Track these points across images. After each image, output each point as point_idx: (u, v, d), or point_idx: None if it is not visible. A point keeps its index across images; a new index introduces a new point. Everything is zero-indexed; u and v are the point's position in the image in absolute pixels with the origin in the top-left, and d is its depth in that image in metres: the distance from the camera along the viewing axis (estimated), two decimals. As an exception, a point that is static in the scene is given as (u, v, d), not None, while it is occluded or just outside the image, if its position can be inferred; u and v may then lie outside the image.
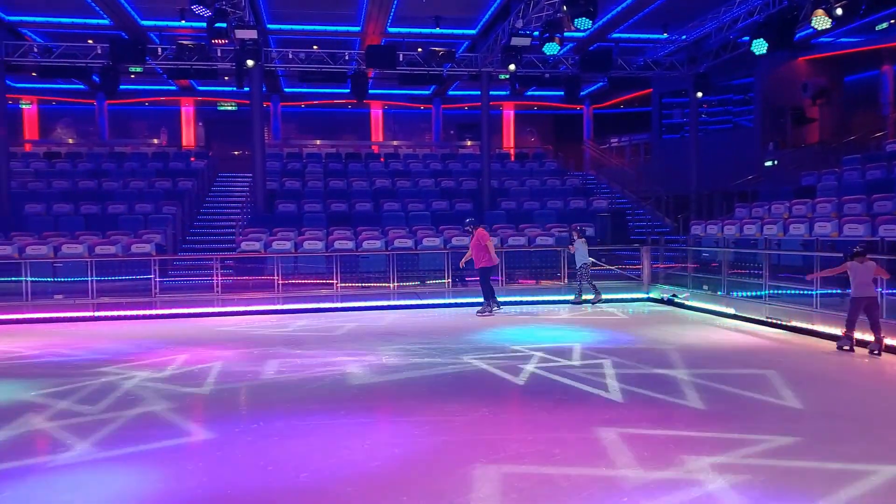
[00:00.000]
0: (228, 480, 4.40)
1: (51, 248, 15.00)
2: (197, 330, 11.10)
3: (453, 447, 4.94)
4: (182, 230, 18.54)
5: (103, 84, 18.76)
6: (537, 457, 4.66)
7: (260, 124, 18.55)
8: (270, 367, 7.83)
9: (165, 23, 19.86)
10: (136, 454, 4.90)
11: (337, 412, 5.92)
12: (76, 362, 8.35)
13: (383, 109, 29.24)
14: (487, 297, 12.28)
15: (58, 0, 18.04)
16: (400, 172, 23.05)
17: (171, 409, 6.05)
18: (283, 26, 20.63)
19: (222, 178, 23.68)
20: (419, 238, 16.55)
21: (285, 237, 16.23)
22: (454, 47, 20.73)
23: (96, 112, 26.66)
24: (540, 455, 4.69)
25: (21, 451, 5.05)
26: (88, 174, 21.31)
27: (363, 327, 10.96)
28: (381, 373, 7.45)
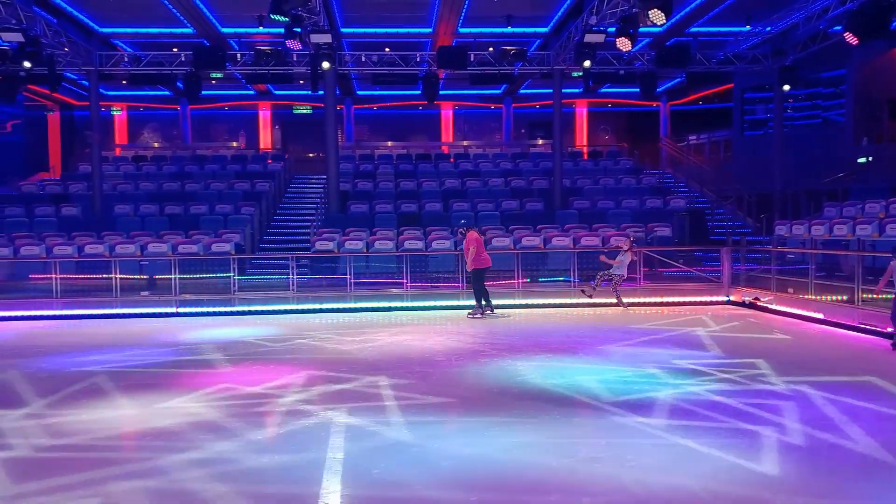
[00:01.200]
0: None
1: (138, 246, 15.73)
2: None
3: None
4: (259, 230, 19.10)
5: (187, 90, 19.57)
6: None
7: (333, 127, 18.89)
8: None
9: (244, 29, 20.56)
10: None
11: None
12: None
13: (453, 110, 29.30)
14: (479, 299, 12.06)
15: (146, 12, 18.93)
16: (469, 172, 23.01)
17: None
18: (357, 30, 20.99)
19: (298, 179, 24.28)
20: (488, 238, 16.43)
21: (357, 237, 16.46)
22: (526, 46, 20.54)
23: (180, 117, 27.88)
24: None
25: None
26: (172, 176, 22.26)
27: (432, 326, 10.95)
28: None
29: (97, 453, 4.99)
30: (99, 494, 4.17)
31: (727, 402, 5.97)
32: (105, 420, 5.81)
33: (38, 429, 5.56)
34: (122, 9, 18.65)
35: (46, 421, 5.78)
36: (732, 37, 20.25)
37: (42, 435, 5.40)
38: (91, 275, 14.54)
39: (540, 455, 4.74)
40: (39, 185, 21.94)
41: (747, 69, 20.24)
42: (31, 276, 14.60)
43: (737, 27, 19.66)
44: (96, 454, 4.96)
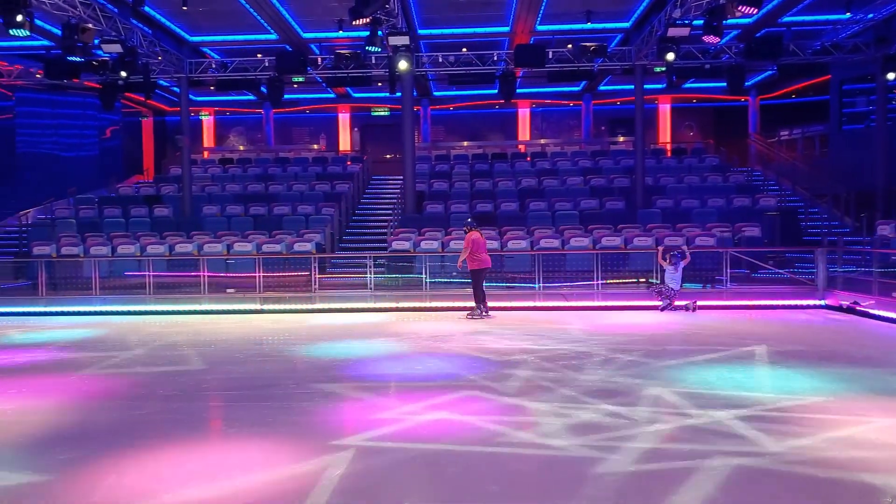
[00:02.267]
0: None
1: (224, 246, 16.35)
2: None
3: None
4: (339, 230, 19.47)
5: (270, 94, 20.19)
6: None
7: (410, 128, 19.02)
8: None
9: (325, 34, 21.01)
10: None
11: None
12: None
13: (531, 108, 28.98)
14: (478, 300, 11.95)
15: (233, 20, 19.65)
16: (547, 171, 22.68)
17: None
18: (434, 31, 21.07)
19: (375, 180, 24.64)
20: (566, 238, 16.13)
21: (433, 237, 16.50)
22: (606, 41, 20.06)
23: (264, 120, 28.85)
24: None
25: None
26: (257, 178, 23.04)
27: (505, 327, 10.81)
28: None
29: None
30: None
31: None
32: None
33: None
34: (211, 18, 19.43)
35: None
36: (830, 25, 19.06)
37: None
38: (181, 273, 15.24)
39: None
40: (134, 188, 23.21)
41: (846, 59, 18.98)
42: (127, 273, 15.43)
43: (835, 15, 18.49)
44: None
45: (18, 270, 16.53)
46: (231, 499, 4.02)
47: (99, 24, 15.53)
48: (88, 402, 6.40)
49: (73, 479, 4.37)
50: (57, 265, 15.52)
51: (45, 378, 7.46)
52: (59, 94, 23.13)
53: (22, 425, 5.60)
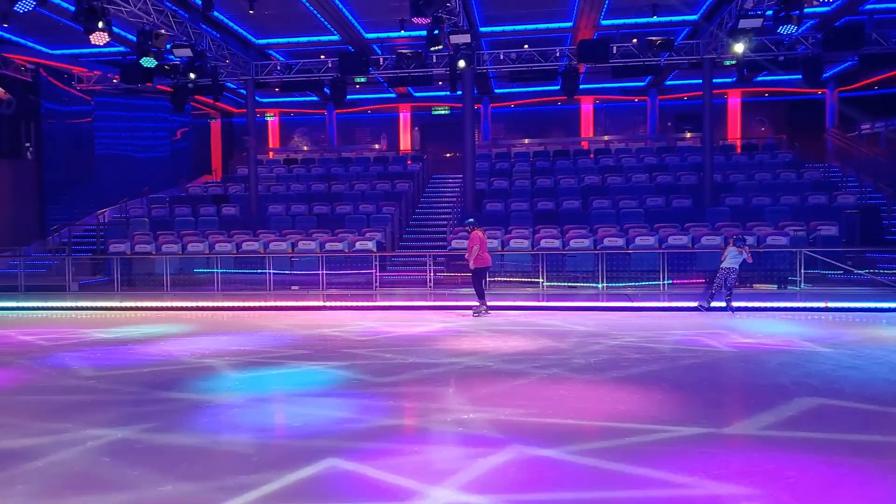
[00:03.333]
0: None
1: (289, 244, 16.68)
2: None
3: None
4: (399, 228, 19.59)
5: (333, 95, 20.49)
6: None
7: (471, 126, 18.95)
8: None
9: (386, 34, 21.15)
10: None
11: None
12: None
13: (594, 104, 28.43)
14: (480, 297, 12.17)
15: (297, 22, 20.01)
16: (610, 168, 22.21)
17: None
18: (495, 28, 20.92)
19: (435, 179, 24.68)
20: (631, 237, 15.74)
21: (493, 236, 16.37)
22: (673, 35, 19.48)
23: (327, 121, 29.32)
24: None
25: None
26: (320, 178, 23.43)
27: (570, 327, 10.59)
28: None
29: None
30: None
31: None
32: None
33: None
34: (276, 21, 19.84)
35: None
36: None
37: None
38: (247, 270, 15.63)
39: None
40: (203, 187, 23.97)
41: (935, 47, 17.82)
42: (196, 270, 15.93)
43: (922, 0, 17.41)
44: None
45: (96, 267, 17.30)
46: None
47: (171, 30, 16.09)
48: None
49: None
50: (131, 262, 16.16)
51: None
52: (133, 98, 24.12)
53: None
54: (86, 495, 4.11)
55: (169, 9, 16.11)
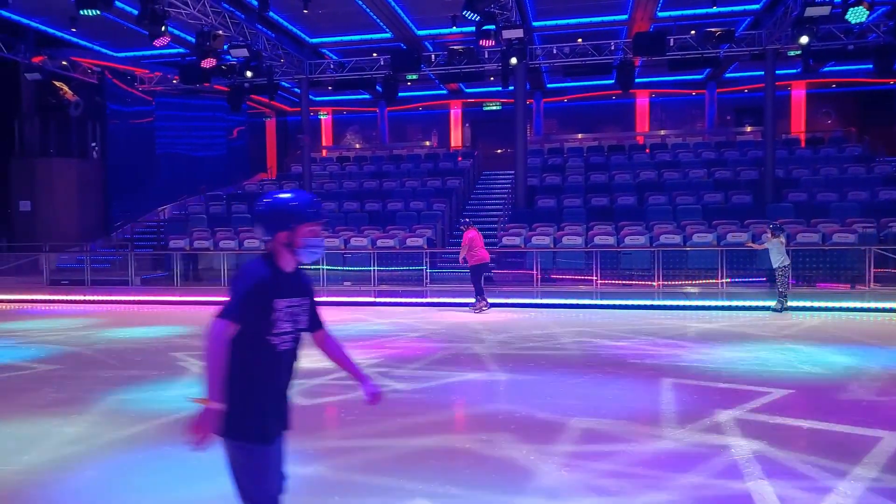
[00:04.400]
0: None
1: (342, 240, 16.85)
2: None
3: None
4: (449, 225, 19.56)
5: (385, 93, 20.60)
6: None
7: (523, 122, 18.76)
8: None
9: (438, 31, 21.13)
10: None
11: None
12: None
13: (650, 98, 27.78)
14: (479, 292, 12.16)
15: (350, 20, 20.19)
16: (667, 163, 21.65)
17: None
18: (548, 22, 20.64)
19: (486, 175, 24.55)
20: (688, 234, 15.30)
21: (545, 232, 16.19)
22: (733, 26, 18.81)
23: (378, 119, 29.53)
24: None
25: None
26: (371, 175, 23.61)
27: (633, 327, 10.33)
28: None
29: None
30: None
31: None
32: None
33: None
34: (329, 20, 20.06)
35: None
36: None
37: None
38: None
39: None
40: (259, 185, 24.46)
41: None
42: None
43: None
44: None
45: (157, 262, 17.85)
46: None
47: (228, 31, 16.44)
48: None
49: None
50: (190, 257, 16.60)
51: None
52: (191, 98, 24.79)
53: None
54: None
55: (226, 10, 16.46)
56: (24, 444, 4.97)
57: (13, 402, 6.20)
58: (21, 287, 15.70)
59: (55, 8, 17.51)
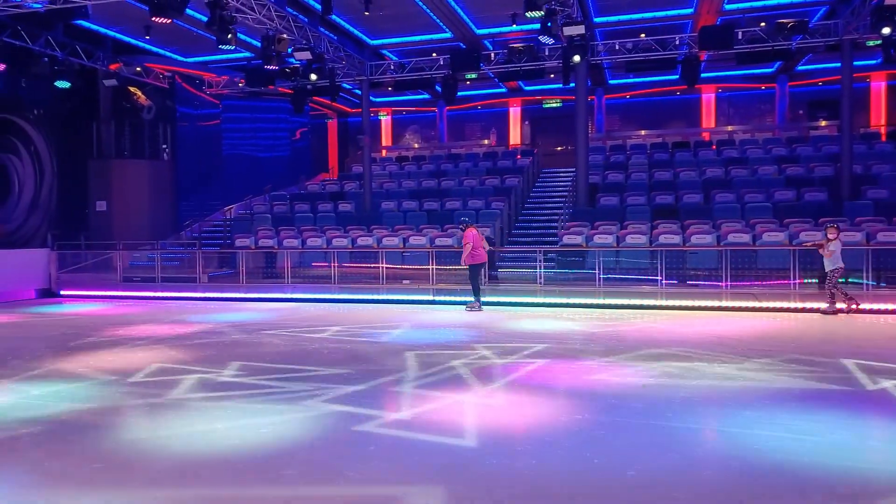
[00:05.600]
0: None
1: (400, 239, 16.95)
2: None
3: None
4: (508, 224, 19.43)
5: (444, 92, 20.64)
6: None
7: (584, 118, 18.47)
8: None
9: (498, 29, 21.05)
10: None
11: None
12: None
13: (716, 93, 26.91)
14: (476, 292, 12.63)
15: (410, 21, 20.32)
16: (735, 160, 20.92)
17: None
18: (610, 18, 20.29)
19: (546, 173, 24.30)
20: (758, 232, 14.72)
21: (607, 231, 15.87)
22: (806, 17, 18.06)
23: (437, 118, 29.64)
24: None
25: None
26: (430, 174, 23.69)
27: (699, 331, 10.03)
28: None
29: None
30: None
31: None
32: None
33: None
34: (390, 21, 20.25)
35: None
36: None
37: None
38: (362, 264, 16.05)
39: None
40: (321, 185, 24.91)
41: None
42: (314, 263, 16.55)
43: None
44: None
45: (223, 260, 18.38)
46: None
47: (291, 34, 16.77)
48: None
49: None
50: (255, 255, 17.03)
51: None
52: (256, 101, 25.48)
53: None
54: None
55: (290, 14, 16.80)
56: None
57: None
58: (97, 283, 16.46)
59: (131, 17, 18.27)
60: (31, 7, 14.68)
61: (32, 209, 21.27)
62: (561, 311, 12.42)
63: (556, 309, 12.75)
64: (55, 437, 5.11)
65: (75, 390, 6.60)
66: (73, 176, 21.53)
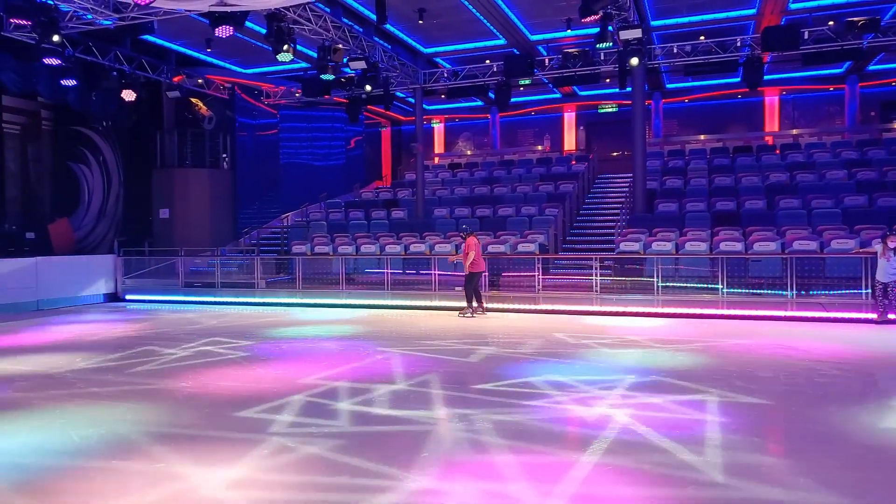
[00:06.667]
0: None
1: (452, 246, 16.91)
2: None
3: None
4: (563, 230, 19.18)
5: (497, 99, 20.53)
6: None
7: (641, 123, 18.09)
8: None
9: (552, 35, 20.88)
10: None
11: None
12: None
13: (780, 95, 25.99)
14: (470, 299, 12.81)
15: (464, 29, 20.35)
16: (800, 164, 20.13)
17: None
18: (668, 21, 19.87)
19: (601, 179, 23.92)
20: (826, 240, 14.08)
21: (665, 237, 15.47)
22: (879, 14, 17.28)
23: (490, 125, 29.56)
24: None
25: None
26: (483, 181, 23.62)
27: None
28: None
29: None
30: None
31: None
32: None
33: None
34: (443, 29, 20.32)
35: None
36: None
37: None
38: (415, 270, 16.11)
39: None
40: (374, 192, 25.16)
41: None
42: (367, 270, 16.68)
43: None
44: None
45: (280, 266, 18.73)
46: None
47: (347, 44, 17.00)
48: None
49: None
50: (311, 262, 17.28)
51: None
52: (312, 111, 25.94)
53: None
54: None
55: (345, 24, 17.04)
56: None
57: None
58: (160, 288, 16.99)
59: (193, 31, 18.88)
60: (102, 24, 15.31)
61: (100, 217, 22.17)
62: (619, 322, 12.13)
63: (613, 318, 12.46)
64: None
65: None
66: (137, 185, 22.35)
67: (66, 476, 4.54)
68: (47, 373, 7.91)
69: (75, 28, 15.52)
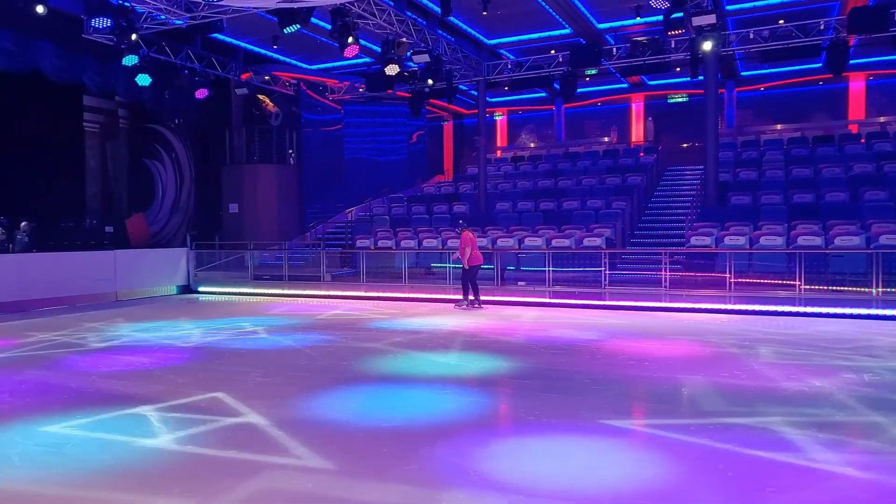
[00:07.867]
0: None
1: (516, 240, 16.70)
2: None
3: None
4: (630, 224, 18.66)
5: (562, 90, 20.12)
6: None
7: (713, 113, 17.39)
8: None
9: (620, 23, 20.29)
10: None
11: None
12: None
13: (866, 81, 24.43)
14: (466, 292, 13.21)
15: (528, 19, 19.99)
16: (888, 154, 18.92)
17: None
18: (744, 5, 18.95)
19: (671, 171, 23.16)
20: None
21: (739, 231, 14.82)
22: (977, -11, 15.97)
23: (554, 116, 29.07)
24: None
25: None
26: (546, 174, 23.24)
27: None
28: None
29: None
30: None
31: None
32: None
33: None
34: (507, 20, 20.02)
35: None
36: None
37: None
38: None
39: None
40: (436, 187, 25.13)
41: None
42: (432, 264, 16.65)
43: None
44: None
45: (344, 259, 18.93)
46: None
47: (410, 38, 16.98)
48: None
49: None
50: (374, 255, 17.38)
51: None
52: (375, 105, 26.10)
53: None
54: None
55: (409, 18, 17.01)
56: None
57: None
58: (230, 280, 17.46)
59: (260, 28, 19.25)
60: (174, 24, 15.80)
61: (174, 211, 22.98)
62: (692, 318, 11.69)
63: (682, 314, 12.01)
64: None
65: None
66: (208, 180, 23.03)
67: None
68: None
69: (150, 28, 16.06)
